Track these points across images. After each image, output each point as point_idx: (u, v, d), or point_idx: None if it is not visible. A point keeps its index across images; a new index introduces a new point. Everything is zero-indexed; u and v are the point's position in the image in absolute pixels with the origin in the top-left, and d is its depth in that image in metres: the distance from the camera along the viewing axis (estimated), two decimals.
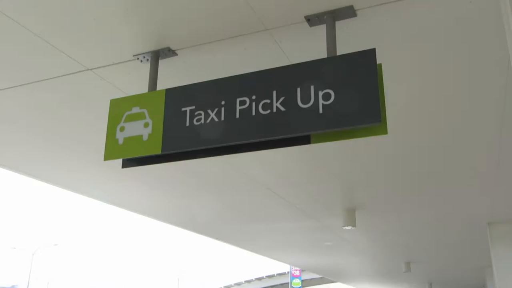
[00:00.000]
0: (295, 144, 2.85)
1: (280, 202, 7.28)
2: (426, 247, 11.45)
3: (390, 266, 14.87)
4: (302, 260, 15.49)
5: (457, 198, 6.87)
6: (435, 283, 19.31)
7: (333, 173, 5.90)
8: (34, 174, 6.16)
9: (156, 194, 7.07)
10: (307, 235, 10.19)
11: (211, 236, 10.73)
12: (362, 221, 7.96)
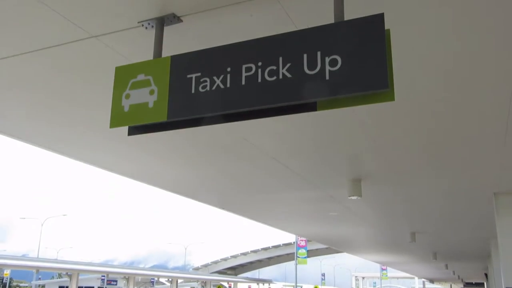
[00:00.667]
0: (302, 111, 2.83)
1: (285, 172, 7.29)
2: (432, 218, 11.50)
3: (395, 236, 14.97)
4: (308, 230, 15.63)
5: (464, 168, 6.85)
6: (440, 253, 19.46)
7: (339, 142, 5.89)
8: (40, 143, 6.19)
9: (160, 163, 7.10)
10: (312, 205, 10.25)
11: (217, 206, 10.82)
12: (367, 191, 7.97)
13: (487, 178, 7.38)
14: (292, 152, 6.35)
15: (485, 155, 6.21)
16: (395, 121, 5.13)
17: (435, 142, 5.72)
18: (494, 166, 6.72)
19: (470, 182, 7.69)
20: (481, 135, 5.45)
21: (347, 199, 8.19)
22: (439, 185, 7.89)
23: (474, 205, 9.68)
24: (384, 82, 2.54)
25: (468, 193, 8.57)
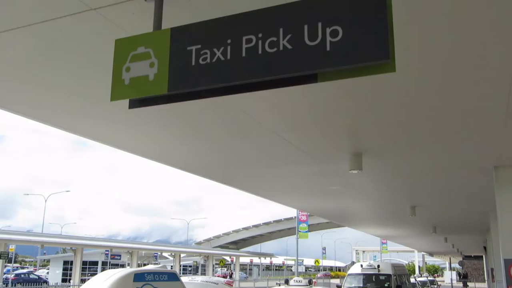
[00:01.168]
0: (302, 83, 2.82)
1: (286, 146, 7.31)
2: (432, 192, 11.56)
3: (395, 210, 15.08)
4: (309, 205, 15.73)
5: (464, 142, 6.86)
6: (439, 227, 19.61)
7: (339, 116, 5.88)
8: (41, 117, 6.19)
9: (161, 138, 7.11)
10: (313, 179, 10.30)
11: (218, 181, 10.87)
12: (368, 165, 7.99)
13: (488, 151, 7.38)
14: (293, 126, 6.36)
15: (485, 129, 6.21)
16: (396, 94, 5.12)
17: (435, 115, 5.71)
18: (494, 139, 6.72)
19: (471, 156, 7.71)
20: (482, 108, 5.43)
21: (348, 173, 8.23)
22: (440, 158, 7.91)
23: (474, 179, 9.72)
24: (385, 53, 2.53)
25: (469, 167, 8.59)
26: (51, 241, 39.73)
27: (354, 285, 20.18)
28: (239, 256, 68.24)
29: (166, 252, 58.41)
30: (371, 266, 21.09)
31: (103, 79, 4.61)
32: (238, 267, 65.86)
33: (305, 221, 44.47)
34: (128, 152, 7.90)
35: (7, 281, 34.15)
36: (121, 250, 49.88)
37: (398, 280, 20.49)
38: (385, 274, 20.16)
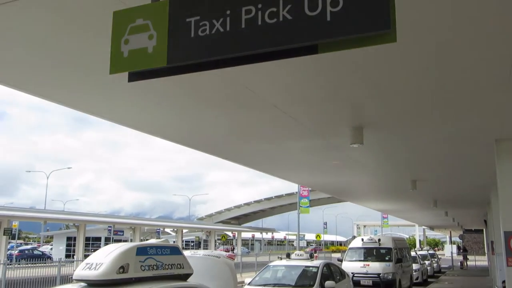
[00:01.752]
0: (303, 54, 2.80)
1: (287, 121, 7.29)
2: (433, 165, 11.58)
3: (396, 184, 15.13)
4: (310, 180, 15.80)
5: (466, 114, 6.84)
6: (440, 201, 19.69)
7: (340, 89, 5.86)
8: (40, 92, 6.17)
9: (162, 113, 7.10)
10: (315, 154, 10.31)
11: (220, 156, 10.89)
12: (369, 139, 7.99)
13: (489, 124, 7.37)
14: (294, 100, 6.33)
15: (487, 101, 6.19)
16: (396, 66, 5.08)
17: (436, 87, 5.68)
18: (496, 112, 6.70)
19: (472, 128, 7.70)
20: (484, 80, 5.40)
21: (349, 147, 8.23)
22: (441, 131, 7.90)
23: (475, 152, 9.73)
24: (386, 23, 2.51)
25: (470, 140, 8.59)
26: (54, 217, 40.06)
27: (355, 259, 20.42)
28: (241, 231, 68.85)
29: (169, 227, 58.95)
30: (372, 240, 21.31)
31: (102, 52, 4.58)
32: (240, 242, 66.51)
33: (307, 196, 44.71)
34: (128, 127, 7.90)
35: (11, 257, 34.56)
36: (123, 226, 50.35)
37: (399, 254, 20.72)
38: (386, 248, 20.38)
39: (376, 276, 19.02)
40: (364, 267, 19.47)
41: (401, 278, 20.05)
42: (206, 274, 7.49)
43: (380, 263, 19.52)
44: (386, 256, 20.02)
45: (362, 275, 19.17)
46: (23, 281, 17.63)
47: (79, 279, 5.88)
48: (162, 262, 6.36)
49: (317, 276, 11.83)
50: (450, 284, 25.74)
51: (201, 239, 69.55)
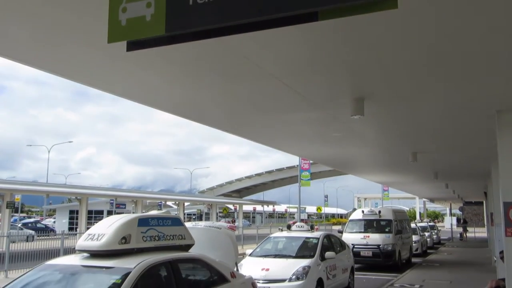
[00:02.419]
0: (303, 22, 2.76)
1: (288, 92, 7.25)
2: (434, 137, 11.58)
3: (397, 156, 15.15)
4: (311, 152, 15.81)
5: (467, 84, 6.79)
6: (441, 173, 19.75)
7: (341, 59, 5.80)
8: (36, 63, 6.13)
9: (161, 84, 7.05)
10: (315, 126, 10.30)
11: (220, 128, 10.88)
12: (370, 110, 7.95)
13: (491, 95, 7.33)
14: (293, 70, 6.28)
15: (489, 71, 6.14)
16: (397, 35, 5.03)
17: (437, 56, 5.63)
18: (497, 82, 6.65)
19: (473, 99, 7.66)
20: (486, 48, 5.35)
21: (350, 119, 8.21)
22: (442, 102, 7.86)
23: (476, 124, 9.70)
24: None
25: (471, 111, 8.56)
26: (56, 190, 40.34)
27: (356, 231, 20.63)
28: (242, 204, 69.41)
29: (170, 201, 59.44)
30: (372, 212, 21.50)
31: (100, 20, 4.53)
32: (241, 215, 67.08)
33: (307, 169, 44.89)
34: (128, 98, 7.86)
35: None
36: (125, 199, 50.75)
37: (399, 225, 20.92)
38: (386, 220, 20.57)
39: (376, 247, 19.25)
40: (364, 238, 19.68)
41: (401, 250, 20.28)
42: (207, 244, 7.58)
43: (380, 235, 19.73)
44: (386, 227, 20.21)
45: (362, 246, 19.40)
46: (26, 253, 17.84)
47: (81, 249, 5.96)
48: (164, 233, 6.44)
49: (318, 247, 11.97)
50: (449, 255, 26.04)
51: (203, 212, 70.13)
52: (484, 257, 23.79)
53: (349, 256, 14.15)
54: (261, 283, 10.06)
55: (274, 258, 11.72)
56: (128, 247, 5.86)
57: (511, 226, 7.87)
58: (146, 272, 5.55)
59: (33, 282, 5.65)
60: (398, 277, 16.33)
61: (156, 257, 5.94)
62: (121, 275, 5.31)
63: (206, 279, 6.80)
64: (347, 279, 13.28)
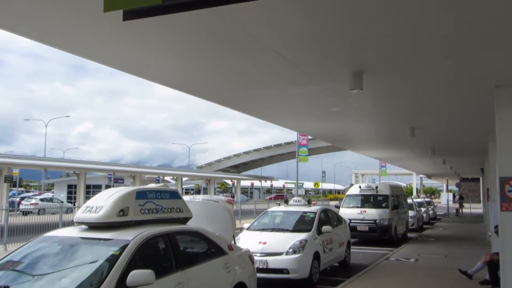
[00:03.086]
0: None
1: (286, 65, 7.20)
2: (432, 113, 11.56)
3: (395, 131, 15.16)
4: (310, 127, 15.81)
5: (466, 59, 6.75)
6: (438, 149, 19.79)
7: (340, 32, 5.75)
8: (36, 35, 6.06)
9: (159, 56, 7.00)
10: (314, 100, 10.26)
11: (218, 102, 10.84)
12: (369, 84, 7.92)
13: (490, 69, 7.30)
14: (292, 43, 6.23)
15: (488, 45, 6.09)
16: (396, 7, 4.97)
17: (437, 29, 5.58)
18: (497, 57, 6.61)
19: (472, 74, 7.63)
20: (486, 22, 5.29)
21: (348, 93, 8.17)
22: (441, 77, 7.83)
23: (474, 99, 9.69)
24: None
25: (470, 86, 8.53)
26: (54, 165, 40.41)
27: (353, 205, 20.76)
28: (240, 179, 69.67)
29: (168, 176, 59.56)
30: (369, 187, 21.60)
31: None
32: (239, 190, 67.41)
33: (305, 145, 44.98)
34: (125, 71, 7.80)
35: (13, 204, 35.06)
36: (123, 174, 50.91)
37: (396, 201, 21.05)
38: (383, 195, 20.69)
39: (373, 222, 19.41)
40: (361, 213, 19.82)
41: (397, 224, 20.46)
42: (205, 218, 7.62)
43: (377, 210, 19.87)
44: (383, 203, 20.34)
45: (359, 221, 19.56)
46: (25, 227, 17.96)
47: (80, 221, 5.99)
48: (162, 206, 6.47)
49: (315, 221, 12.06)
50: (445, 230, 26.29)
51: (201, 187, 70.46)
52: (479, 232, 24.04)
53: (346, 231, 14.27)
54: (258, 256, 10.16)
55: (272, 232, 11.81)
56: (126, 219, 5.89)
57: (506, 201, 7.93)
58: (144, 244, 5.60)
59: (32, 254, 5.69)
60: (394, 251, 16.52)
61: (154, 229, 5.98)
62: (119, 247, 5.35)
63: (204, 251, 6.86)
64: (344, 253, 13.42)
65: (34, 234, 15.81)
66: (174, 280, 5.68)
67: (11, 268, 5.43)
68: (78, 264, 5.33)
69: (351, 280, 11.03)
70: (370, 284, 10.62)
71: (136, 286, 4.98)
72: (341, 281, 11.00)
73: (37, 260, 5.61)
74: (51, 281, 4.97)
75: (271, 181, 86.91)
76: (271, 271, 10.42)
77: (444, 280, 11.20)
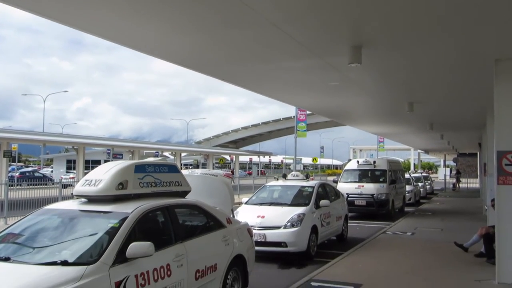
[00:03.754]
0: None
1: (285, 39, 7.15)
2: (431, 87, 11.53)
3: (394, 106, 15.14)
4: (308, 102, 15.78)
5: (466, 32, 6.71)
6: (436, 124, 19.78)
7: (339, 5, 5.70)
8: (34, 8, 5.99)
9: (158, 30, 6.95)
10: (313, 74, 10.22)
11: (217, 77, 10.80)
12: (368, 58, 7.87)
13: (489, 43, 7.26)
14: (291, 16, 6.18)
15: (489, 18, 6.05)
16: None
17: (436, 3, 5.53)
18: (498, 30, 6.57)
19: (472, 47, 7.59)
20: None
21: (347, 67, 8.14)
22: (441, 51, 7.79)
23: (474, 73, 9.66)
24: None
25: (469, 60, 8.50)
26: (53, 139, 40.41)
27: (350, 180, 20.84)
28: (239, 154, 69.82)
29: (167, 151, 59.66)
30: (367, 162, 21.66)
31: None
32: (237, 165, 67.60)
33: (304, 120, 44.97)
34: (124, 45, 7.75)
35: (12, 179, 35.14)
36: (122, 149, 50.97)
37: (393, 175, 21.14)
38: (381, 170, 20.76)
39: (370, 196, 19.53)
40: (358, 188, 19.92)
41: (394, 199, 20.59)
42: (203, 191, 7.65)
43: (375, 184, 19.96)
44: (381, 177, 20.43)
45: (357, 195, 19.67)
46: (25, 201, 18.04)
47: (79, 194, 6.02)
48: (160, 180, 6.49)
49: (313, 196, 12.12)
50: (442, 205, 26.48)
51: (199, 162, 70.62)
52: (476, 206, 24.22)
53: (344, 205, 14.36)
54: (256, 229, 10.24)
55: (270, 206, 11.88)
56: (125, 192, 5.91)
57: (503, 174, 7.98)
58: (143, 217, 5.63)
59: (31, 226, 5.73)
60: (391, 225, 16.67)
61: (153, 202, 6.01)
62: (119, 220, 5.38)
63: (203, 224, 6.91)
64: (341, 227, 13.53)
65: (34, 209, 15.89)
66: (173, 252, 5.73)
67: (11, 240, 5.47)
68: (78, 237, 5.37)
69: (348, 253, 11.16)
70: (367, 256, 10.75)
71: (136, 258, 5.03)
72: (338, 254, 11.13)
73: (37, 232, 5.65)
74: (51, 253, 5.01)
75: (270, 157, 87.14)
76: (269, 244, 10.52)
77: (440, 253, 11.33)
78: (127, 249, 4.98)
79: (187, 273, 5.84)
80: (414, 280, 8.65)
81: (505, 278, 8.06)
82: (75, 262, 4.73)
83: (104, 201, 5.84)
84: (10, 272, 4.64)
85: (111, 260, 4.84)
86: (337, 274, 8.93)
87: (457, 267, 9.74)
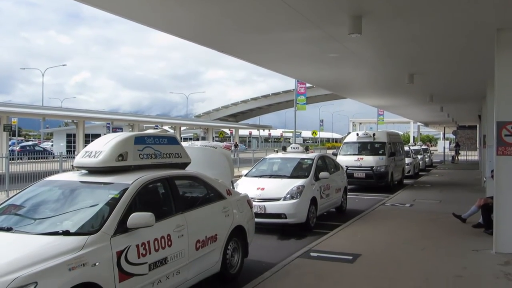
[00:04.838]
0: None
1: (284, 9, 7.07)
2: (431, 58, 11.46)
3: (394, 78, 15.07)
4: (308, 74, 15.70)
5: (468, 2, 6.64)
6: (436, 96, 19.71)
7: None
8: None
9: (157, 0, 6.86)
10: (313, 45, 10.14)
11: (215, 48, 10.72)
12: (368, 29, 7.80)
13: (492, 12, 7.18)
14: None
15: None
16: None
17: None
18: None
19: (474, 17, 7.51)
20: None
21: (347, 38, 8.07)
22: (442, 20, 7.71)
23: (475, 43, 9.59)
24: None
25: (471, 30, 8.42)
26: (53, 113, 40.33)
27: (350, 153, 20.89)
28: (238, 128, 69.78)
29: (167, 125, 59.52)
30: (366, 134, 21.66)
31: None
32: (237, 139, 67.62)
33: (303, 93, 44.79)
34: (122, 16, 7.66)
35: (13, 153, 35.20)
36: (122, 123, 50.88)
37: (392, 148, 21.17)
38: (380, 142, 20.78)
39: (369, 169, 19.59)
40: (358, 160, 19.96)
41: (394, 171, 20.66)
42: (203, 163, 7.67)
43: (374, 157, 20.00)
44: (380, 150, 20.46)
45: (356, 168, 19.73)
46: (26, 175, 18.11)
47: (79, 166, 6.03)
48: (160, 151, 6.50)
49: (312, 168, 12.16)
50: (441, 177, 26.61)
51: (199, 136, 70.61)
52: (474, 178, 24.34)
53: (343, 177, 14.42)
54: (256, 201, 10.30)
55: (269, 178, 11.93)
56: (125, 164, 5.93)
57: (503, 145, 7.99)
58: (144, 188, 5.66)
59: (33, 197, 5.76)
60: (389, 197, 16.77)
61: (153, 173, 6.03)
62: (119, 191, 5.41)
63: (203, 195, 6.94)
64: (340, 199, 13.61)
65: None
66: (174, 223, 5.78)
67: (13, 212, 5.50)
68: (79, 208, 5.40)
69: (347, 224, 11.26)
70: (366, 227, 10.85)
71: (137, 228, 5.08)
72: (337, 225, 11.23)
73: (38, 204, 5.68)
74: (53, 224, 5.05)
75: (269, 130, 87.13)
76: (269, 216, 10.61)
77: (438, 223, 11.43)
78: (128, 219, 5.02)
79: (187, 243, 5.90)
80: (412, 250, 8.75)
81: (503, 248, 8.15)
82: (76, 232, 4.78)
83: (104, 172, 5.86)
84: (13, 241, 4.69)
85: (112, 230, 4.88)
86: (336, 245, 9.02)
87: (455, 237, 9.84)
